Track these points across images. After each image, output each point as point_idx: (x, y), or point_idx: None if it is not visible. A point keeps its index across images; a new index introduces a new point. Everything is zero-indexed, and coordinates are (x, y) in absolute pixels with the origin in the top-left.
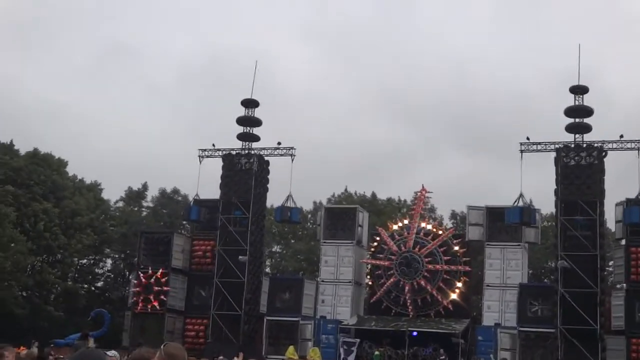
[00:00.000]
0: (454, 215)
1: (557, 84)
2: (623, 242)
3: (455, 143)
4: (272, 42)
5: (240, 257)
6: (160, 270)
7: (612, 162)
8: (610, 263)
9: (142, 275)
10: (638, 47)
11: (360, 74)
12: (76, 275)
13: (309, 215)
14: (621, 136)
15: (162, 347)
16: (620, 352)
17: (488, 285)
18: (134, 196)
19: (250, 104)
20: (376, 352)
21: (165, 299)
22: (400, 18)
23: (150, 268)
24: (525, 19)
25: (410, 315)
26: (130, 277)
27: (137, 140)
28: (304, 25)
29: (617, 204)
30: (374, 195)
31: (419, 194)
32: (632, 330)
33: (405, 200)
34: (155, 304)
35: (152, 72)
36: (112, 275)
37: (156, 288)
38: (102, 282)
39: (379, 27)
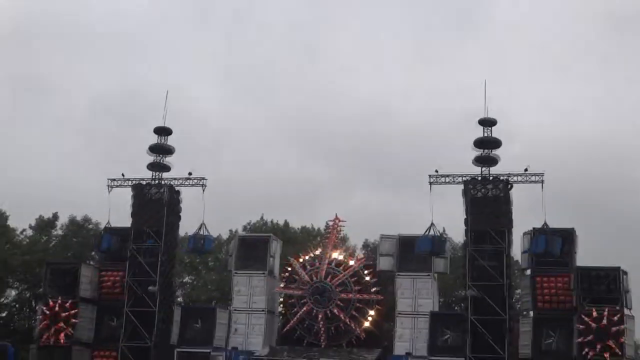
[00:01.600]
0: (365, 245)
1: (465, 119)
2: (528, 272)
3: (367, 178)
4: (186, 78)
5: (149, 287)
6: (69, 301)
7: (521, 193)
8: (518, 291)
9: (45, 307)
10: (541, 87)
11: (272, 113)
12: None
13: (223, 246)
14: (526, 169)
15: None
16: None
17: (400, 313)
18: (44, 225)
19: (162, 131)
20: None
21: (71, 331)
22: (310, 61)
23: (56, 298)
24: (436, 58)
25: (323, 345)
26: (36, 307)
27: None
28: (218, 63)
29: (524, 234)
30: (286, 223)
31: (332, 223)
32: (539, 359)
33: (319, 228)
34: (63, 335)
35: (63, 102)
36: (17, 305)
37: (63, 316)
38: (5, 312)
39: (290, 69)
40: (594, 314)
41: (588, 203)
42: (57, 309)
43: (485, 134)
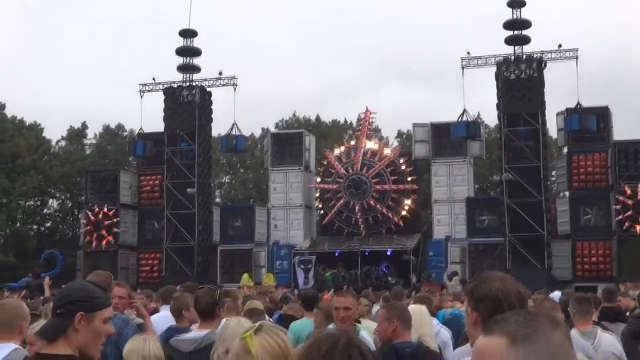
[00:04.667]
0: (400, 135)
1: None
2: (565, 150)
3: (394, 74)
4: None
5: (188, 189)
6: (110, 208)
7: (555, 73)
8: (554, 173)
9: (90, 213)
10: None
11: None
12: (24, 217)
13: (258, 144)
14: (559, 46)
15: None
16: (565, 257)
17: (436, 201)
18: (75, 135)
19: (188, 33)
20: (328, 273)
21: (116, 236)
22: None
23: (96, 206)
24: None
25: (363, 234)
26: (80, 215)
27: (76, 78)
28: None
29: (558, 114)
30: (318, 118)
31: (363, 115)
32: (577, 234)
33: (350, 122)
34: (105, 241)
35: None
36: (61, 215)
37: (106, 224)
38: (50, 223)
39: None
40: (628, 191)
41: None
42: (100, 216)
43: (515, 16)
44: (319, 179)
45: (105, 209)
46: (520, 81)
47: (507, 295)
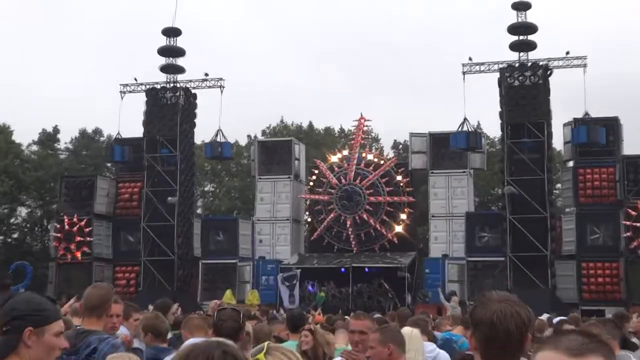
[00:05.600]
0: (396, 145)
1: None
2: (571, 163)
3: (391, 80)
4: None
5: (169, 198)
6: (82, 218)
7: (562, 82)
8: (558, 186)
9: (59, 225)
10: None
11: (282, 21)
12: None
13: (243, 152)
14: (567, 53)
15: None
16: (570, 277)
17: (433, 216)
18: (47, 139)
19: (171, 32)
20: (321, 293)
21: (90, 247)
22: None
23: (66, 216)
24: None
25: (354, 251)
26: (49, 226)
27: (49, 78)
28: None
29: (564, 124)
30: (310, 125)
31: (357, 122)
32: (583, 254)
33: (344, 130)
34: (78, 254)
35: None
36: (29, 225)
37: (79, 238)
38: (18, 233)
39: None
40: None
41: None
42: (72, 227)
43: (520, 19)
44: (306, 190)
45: (76, 219)
46: (525, 89)
47: (504, 320)
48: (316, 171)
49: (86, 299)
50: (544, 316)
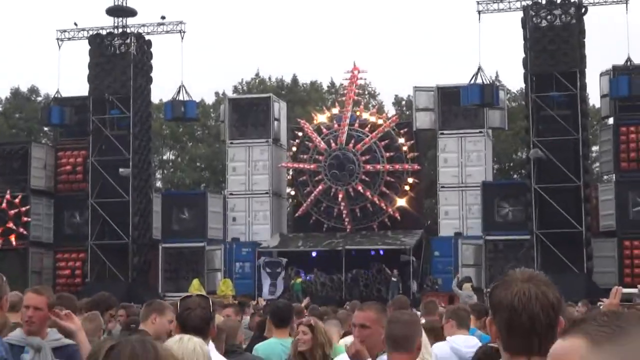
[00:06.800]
0: (397, 101)
1: None
2: (610, 120)
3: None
4: None
5: (121, 169)
6: (16, 194)
7: (595, 23)
8: (595, 148)
9: None
10: None
11: None
12: None
13: (211, 112)
14: None
15: None
16: (609, 259)
17: (443, 187)
18: None
19: None
20: (296, 280)
21: (26, 229)
22: None
23: (5, 192)
24: None
25: (348, 230)
26: None
27: None
28: None
29: (601, 74)
30: (294, 79)
31: (350, 74)
32: (625, 231)
33: (334, 85)
34: (12, 237)
35: None
36: None
37: (12, 215)
38: None
39: None
40: None
41: None
42: (3, 205)
43: None
44: (288, 158)
45: (9, 196)
46: (554, 30)
47: (527, 303)
48: (300, 134)
49: None
50: (579, 305)
